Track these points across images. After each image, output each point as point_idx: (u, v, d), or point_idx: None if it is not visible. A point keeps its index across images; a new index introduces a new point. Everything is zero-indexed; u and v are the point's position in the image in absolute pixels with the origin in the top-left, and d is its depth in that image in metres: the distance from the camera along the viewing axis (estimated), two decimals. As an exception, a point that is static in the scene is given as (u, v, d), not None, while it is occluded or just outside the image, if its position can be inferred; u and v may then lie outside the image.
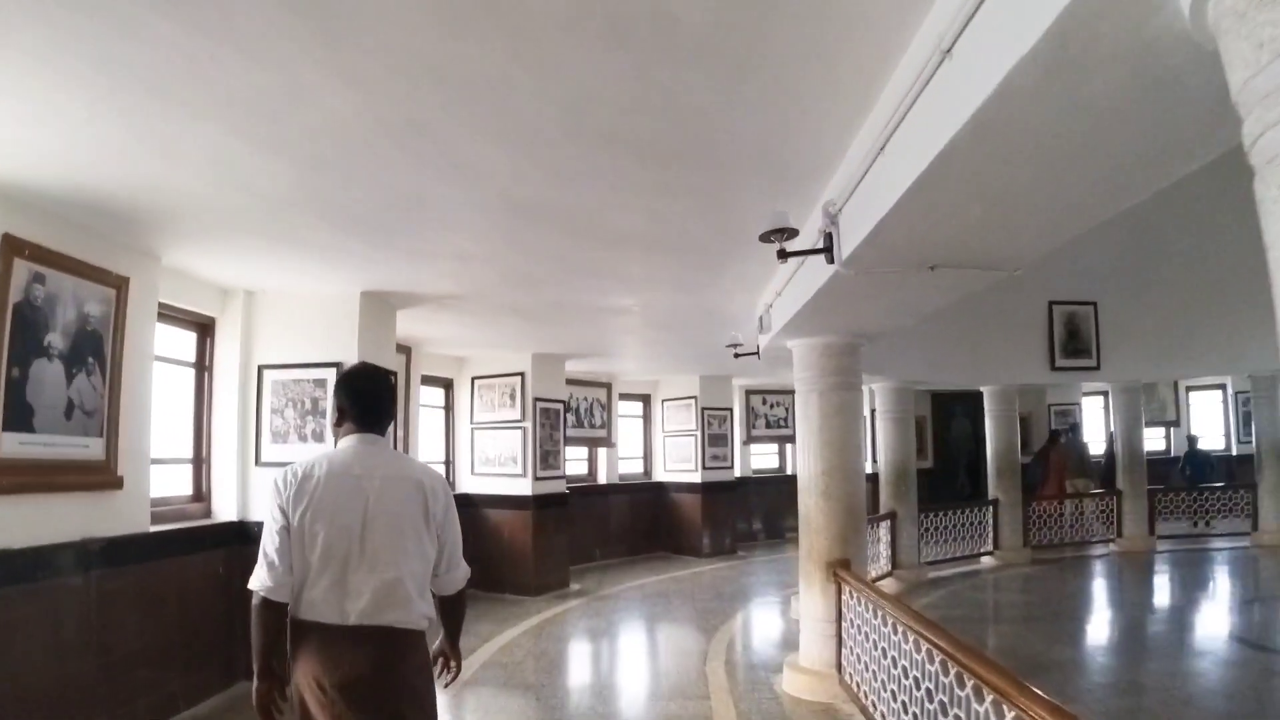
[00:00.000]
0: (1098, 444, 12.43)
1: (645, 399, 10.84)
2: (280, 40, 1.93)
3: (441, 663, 2.30)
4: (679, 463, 10.38)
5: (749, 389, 11.28)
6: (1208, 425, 13.26)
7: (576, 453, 9.63)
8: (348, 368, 2.31)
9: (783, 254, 2.86)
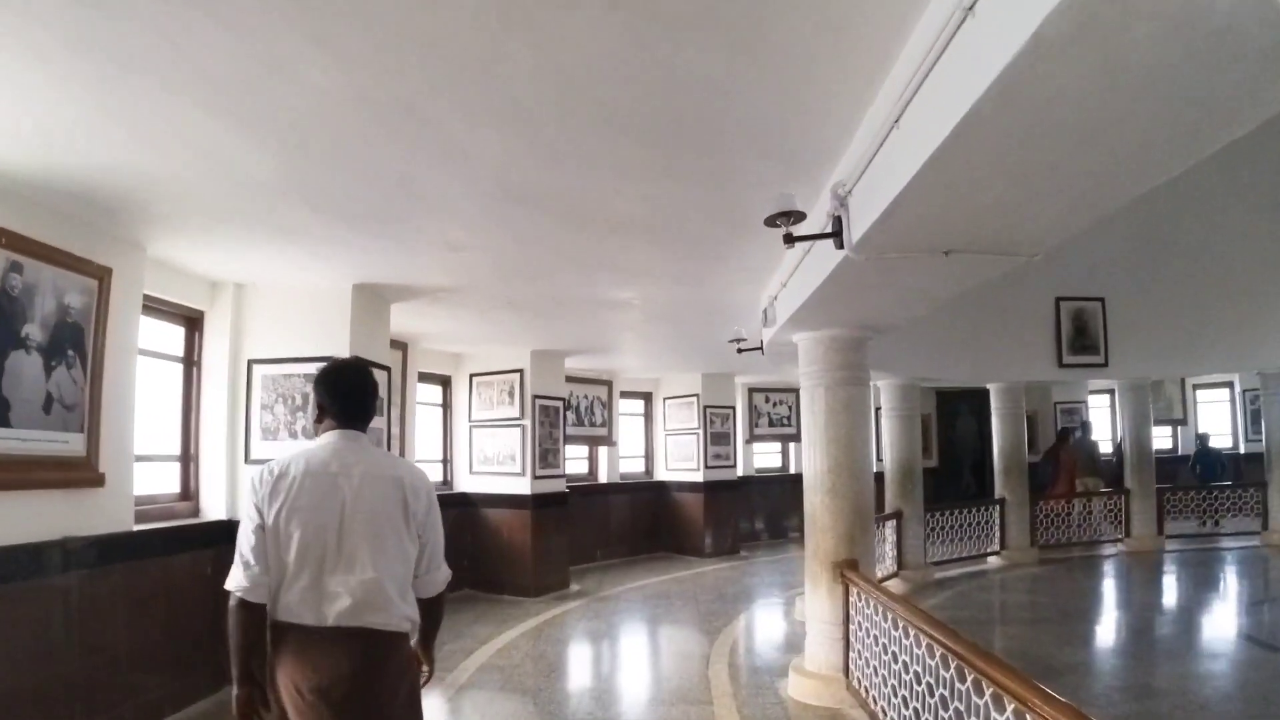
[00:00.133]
0: (1106, 443, 12.30)
1: (647, 397, 10.72)
2: (257, 9, 1.82)
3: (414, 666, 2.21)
4: (681, 461, 10.26)
5: (752, 387, 11.17)
6: (1215, 424, 13.18)
7: (577, 451, 9.51)
8: (327, 363, 2.21)
9: (789, 238, 2.72)
